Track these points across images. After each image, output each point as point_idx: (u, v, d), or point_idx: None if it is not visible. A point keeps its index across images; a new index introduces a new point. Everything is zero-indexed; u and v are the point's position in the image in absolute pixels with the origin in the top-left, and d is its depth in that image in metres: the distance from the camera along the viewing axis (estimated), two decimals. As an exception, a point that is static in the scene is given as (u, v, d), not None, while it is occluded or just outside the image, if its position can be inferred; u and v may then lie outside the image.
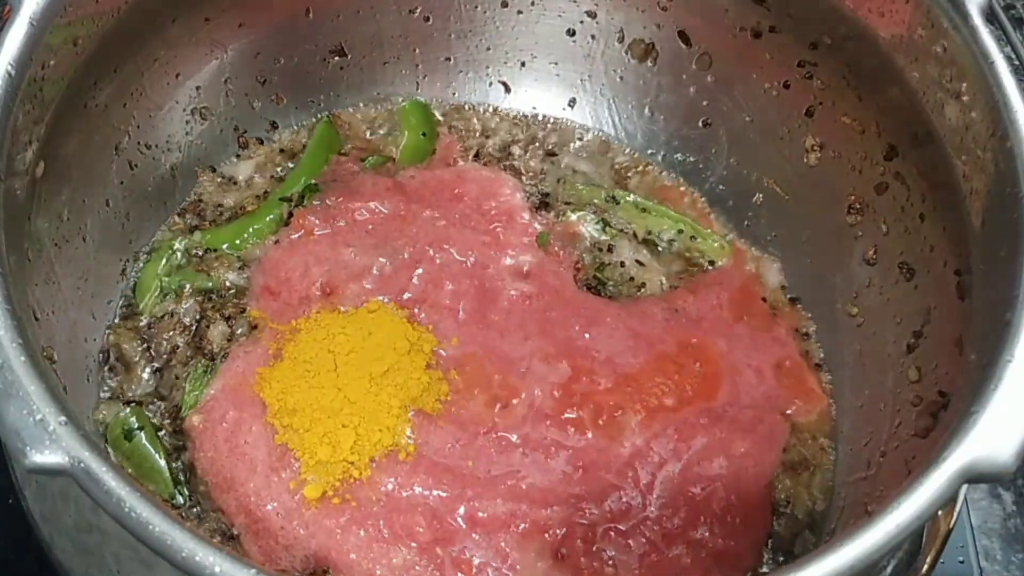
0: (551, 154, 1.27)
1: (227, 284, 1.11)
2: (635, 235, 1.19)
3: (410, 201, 1.17)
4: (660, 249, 1.19)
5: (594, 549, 0.94)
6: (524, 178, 1.24)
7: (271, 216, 1.16)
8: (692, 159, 1.26)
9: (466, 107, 1.31)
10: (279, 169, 1.23)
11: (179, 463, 1.00)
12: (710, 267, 1.18)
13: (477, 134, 1.29)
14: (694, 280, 1.17)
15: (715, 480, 0.99)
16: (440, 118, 1.30)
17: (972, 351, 0.83)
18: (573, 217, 1.19)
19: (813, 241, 1.16)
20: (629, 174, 1.27)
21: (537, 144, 1.28)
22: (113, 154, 1.06)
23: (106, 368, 1.05)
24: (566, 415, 1.00)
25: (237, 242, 1.14)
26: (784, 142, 1.16)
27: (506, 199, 1.18)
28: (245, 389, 1.01)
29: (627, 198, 1.22)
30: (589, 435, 0.97)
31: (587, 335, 1.07)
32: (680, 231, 1.20)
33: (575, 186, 1.23)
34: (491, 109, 1.31)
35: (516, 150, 1.27)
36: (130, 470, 0.98)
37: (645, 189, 1.25)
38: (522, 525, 0.94)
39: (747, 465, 1.01)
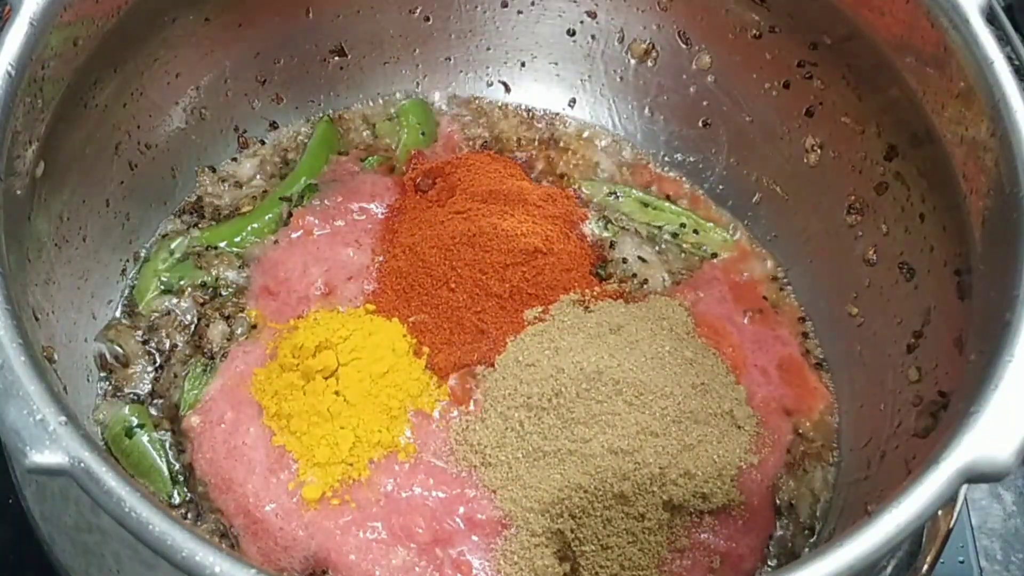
0: (552, 150, 1.27)
1: (226, 282, 1.11)
2: (637, 231, 1.19)
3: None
4: (663, 244, 1.19)
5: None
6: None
7: (270, 215, 1.16)
8: (692, 159, 1.26)
9: (471, 100, 1.31)
10: (279, 169, 1.23)
11: (178, 463, 1.00)
12: (713, 259, 1.19)
13: (480, 126, 1.29)
14: (694, 276, 1.17)
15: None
16: (443, 108, 1.30)
17: (972, 351, 0.83)
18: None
19: (813, 241, 1.16)
20: (630, 170, 1.27)
21: (538, 141, 1.28)
22: (113, 154, 1.06)
23: (106, 368, 1.05)
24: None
25: (236, 240, 1.14)
26: (784, 142, 1.17)
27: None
28: (244, 390, 1.01)
29: (629, 193, 1.23)
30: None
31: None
32: (683, 225, 1.21)
33: (576, 182, 1.23)
34: (495, 105, 1.31)
35: (517, 145, 1.27)
36: (129, 469, 0.98)
37: (646, 185, 1.25)
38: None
39: (751, 466, 1.01)
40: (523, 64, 1.31)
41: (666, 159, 1.28)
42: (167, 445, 1.01)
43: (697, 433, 0.98)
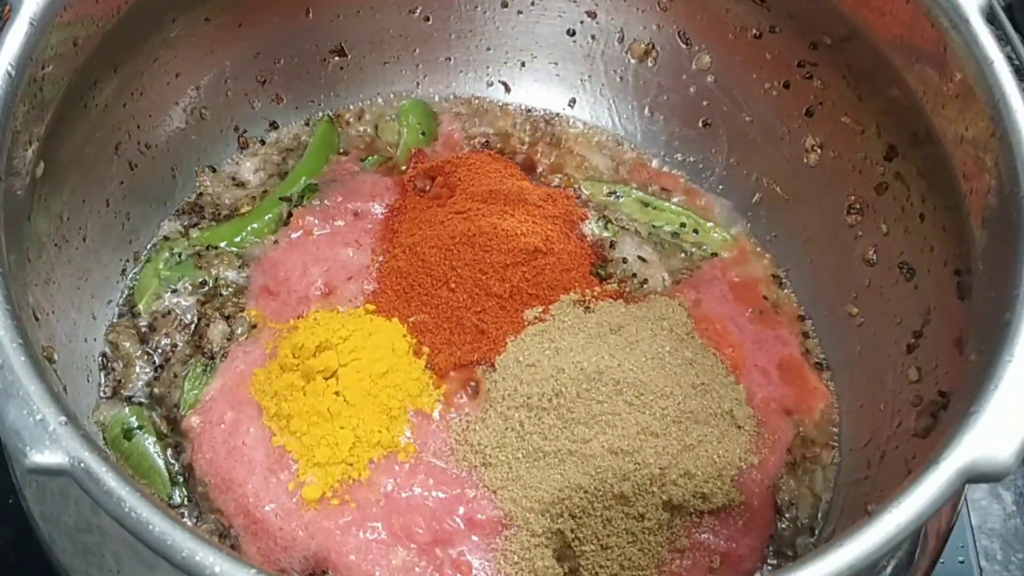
0: (552, 150, 1.27)
1: (226, 282, 1.11)
2: (637, 231, 1.19)
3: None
4: (663, 244, 1.19)
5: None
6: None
7: (270, 215, 1.16)
8: (692, 159, 1.26)
9: (471, 100, 1.31)
10: (279, 169, 1.23)
11: (178, 463, 1.00)
12: (713, 259, 1.19)
13: (480, 125, 1.29)
14: (694, 276, 1.17)
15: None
16: (444, 108, 1.30)
17: (972, 351, 0.83)
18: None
19: (813, 241, 1.16)
20: (630, 170, 1.27)
21: (538, 141, 1.28)
22: (113, 154, 1.06)
23: (106, 368, 1.05)
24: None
25: (236, 240, 1.14)
26: (784, 142, 1.17)
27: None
28: (243, 390, 1.01)
29: (629, 193, 1.23)
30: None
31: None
32: (683, 224, 1.21)
33: (576, 182, 1.23)
34: (495, 105, 1.31)
35: (517, 146, 1.27)
36: (128, 470, 0.98)
37: (646, 184, 1.25)
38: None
39: (751, 467, 1.01)
40: (523, 64, 1.31)
41: (666, 159, 1.28)
42: (167, 446, 1.00)
43: (697, 433, 0.98)
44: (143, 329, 1.08)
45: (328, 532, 0.92)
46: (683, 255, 1.19)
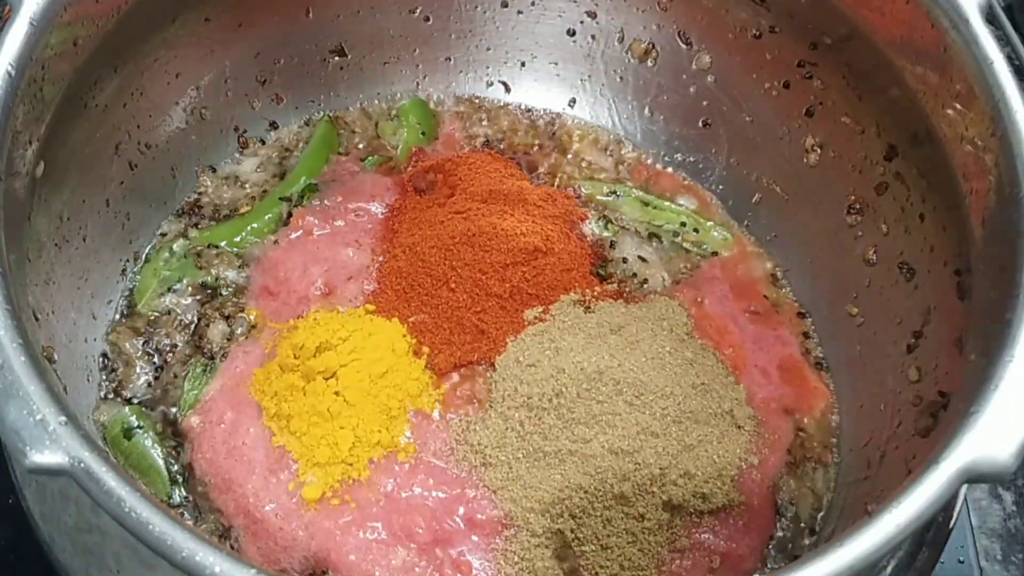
0: (552, 150, 1.27)
1: (226, 282, 1.11)
2: (637, 231, 1.20)
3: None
4: (663, 243, 1.19)
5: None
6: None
7: (270, 215, 1.16)
8: (692, 159, 1.26)
9: (471, 100, 1.32)
10: (279, 169, 1.23)
11: (178, 463, 1.00)
12: (714, 257, 1.19)
13: (480, 125, 1.29)
14: (694, 276, 1.17)
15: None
16: (443, 108, 1.30)
17: (972, 351, 0.83)
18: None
19: (813, 241, 1.16)
20: (630, 170, 1.27)
21: (538, 141, 1.28)
22: (113, 154, 1.06)
23: (106, 368, 1.05)
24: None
25: (236, 239, 1.14)
26: (784, 142, 1.17)
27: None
28: (243, 390, 1.01)
29: (629, 193, 1.23)
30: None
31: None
32: (683, 224, 1.21)
33: (576, 182, 1.23)
34: (495, 105, 1.31)
35: (517, 145, 1.27)
36: (128, 469, 0.98)
37: (646, 184, 1.25)
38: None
39: (751, 467, 1.01)
40: (523, 64, 1.31)
41: (666, 159, 1.28)
42: (167, 445, 1.00)
43: (697, 433, 0.98)
44: (143, 329, 1.08)
45: (328, 532, 0.92)
46: (683, 255, 1.19)
